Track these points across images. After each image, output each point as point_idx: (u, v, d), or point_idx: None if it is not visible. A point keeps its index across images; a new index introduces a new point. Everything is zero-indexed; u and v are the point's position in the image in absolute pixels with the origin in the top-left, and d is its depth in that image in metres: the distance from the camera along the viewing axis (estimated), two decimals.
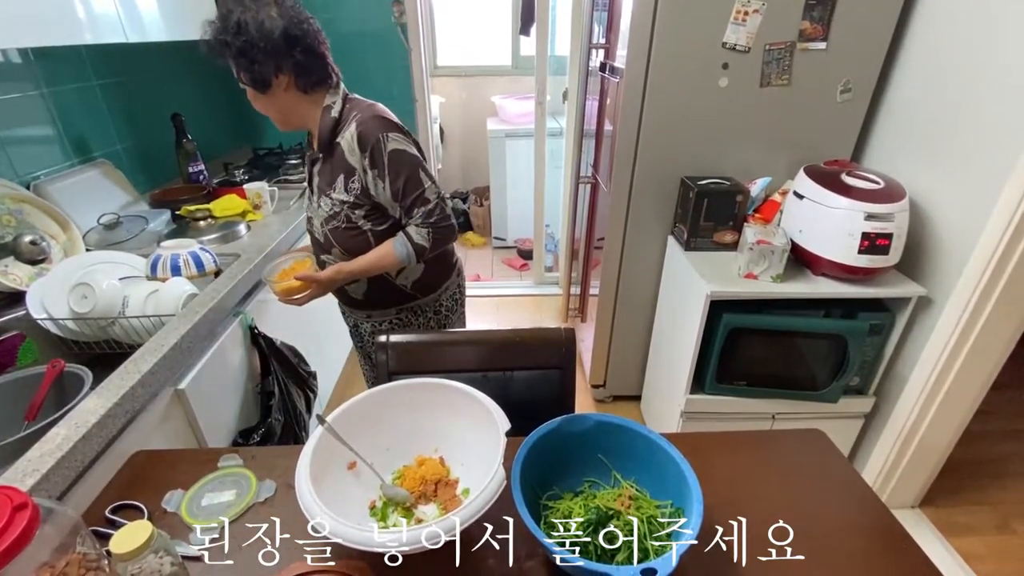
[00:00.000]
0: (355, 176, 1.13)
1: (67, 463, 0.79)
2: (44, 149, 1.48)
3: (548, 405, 1.08)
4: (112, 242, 1.43)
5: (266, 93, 1.09)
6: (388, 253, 1.16)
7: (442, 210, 1.15)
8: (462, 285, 1.44)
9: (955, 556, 1.58)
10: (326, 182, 1.18)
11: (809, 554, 0.71)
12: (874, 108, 1.64)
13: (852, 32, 1.50)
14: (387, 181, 1.11)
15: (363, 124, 1.10)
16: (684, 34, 1.50)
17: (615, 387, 2.20)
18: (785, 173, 1.69)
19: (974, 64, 1.34)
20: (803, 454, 0.93)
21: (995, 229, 1.27)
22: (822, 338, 1.51)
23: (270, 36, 1.03)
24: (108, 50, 1.67)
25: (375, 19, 2.32)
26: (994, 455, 1.94)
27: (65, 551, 0.58)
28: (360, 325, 1.39)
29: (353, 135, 1.10)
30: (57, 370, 1.01)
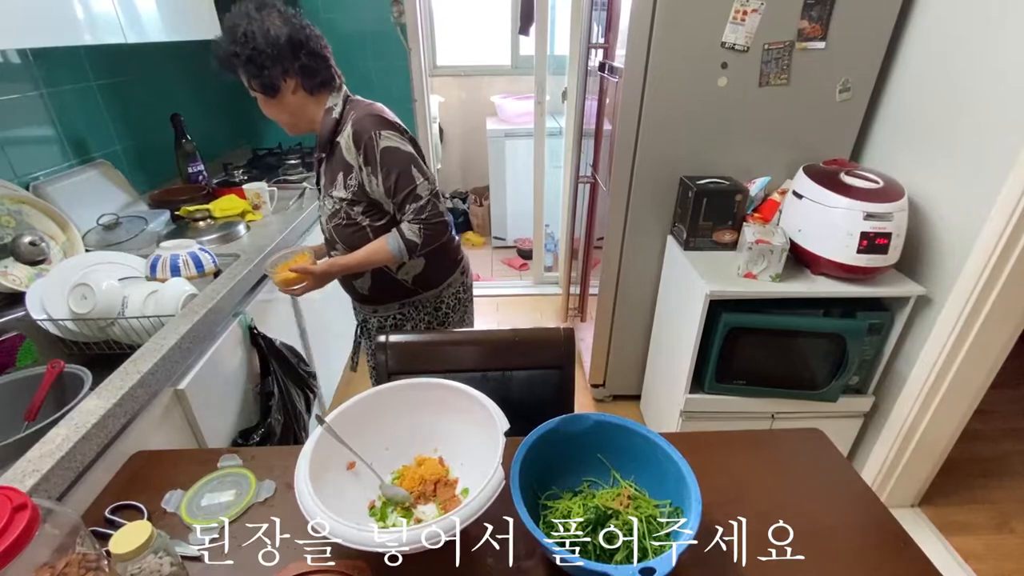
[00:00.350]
0: (352, 173, 1.17)
1: (67, 463, 0.79)
2: (43, 150, 1.48)
3: (547, 405, 1.08)
4: (111, 243, 1.43)
5: (276, 98, 1.14)
6: (380, 248, 1.19)
7: (434, 206, 1.17)
8: (467, 284, 1.44)
9: (954, 555, 1.58)
10: (329, 181, 1.23)
11: (809, 554, 0.71)
12: (873, 107, 1.64)
13: (851, 31, 1.50)
14: (379, 177, 1.15)
15: (358, 123, 1.14)
16: (683, 33, 1.51)
17: (614, 387, 2.20)
18: (784, 172, 1.69)
19: (973, 63, 1.34)
20: (802, 454, 0.93)
21: (994, 228, 1.27)
22: (821, 337, 1.51)
23: (276, 42, 1.08)
24: (107, 51, 1.67)
25: (374, 19, 2.32)
26: (993, 454, 1.95)
27: (65, 551, 0.58)
28: (368, 320, 1.41)
29: (349, 134, 1.15)
30: (57, 371, 1.01)
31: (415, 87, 2.48)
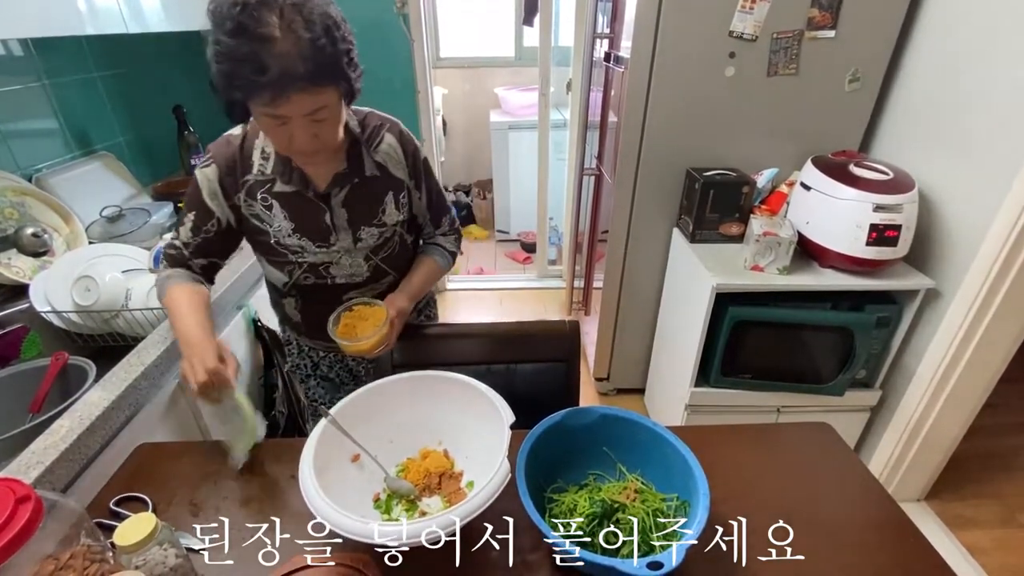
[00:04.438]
0: (403, 191, 1.00)
1: (71, 455, 0.79)
2: (46, 141, 1.47)
3: (552, 398, 1.07)
4: (115, 235, 1.43)
5: (349, 104, 0.88)
6: (434, 269, 1.09)
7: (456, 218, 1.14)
8: None
9: (961, 549, 1.57)
10: (365, 210, 0.97)
11: (816, 547, 0.71)
12: (883, 98, 1.61)
13: (862, 20, 1.47)
14: (423, 191, 1.04)
15: (400, 134, 0.98)
16: (690, 23, 1.48)
17: (619, 380, 2.19)
18: (792, 164, 1.67)
19: (985, 53, 1.31)
20: (810, 447, 0.92)
21: (1005, 221, 1.25)
22: (828, 331, 1.50)
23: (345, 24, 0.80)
24: (109, 41, 1.65)
25: (377, 9, 2.29)
26: (1001, 448, 1.93)
27: (69, 543, 0.58)
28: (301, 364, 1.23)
29: (395, 146, 0.97)
30: (61, 363, 1.01)
31: (418, 79, 2.46)
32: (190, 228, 0.95)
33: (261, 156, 0.92)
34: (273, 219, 0.94)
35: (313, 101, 0.76)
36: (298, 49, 0.71)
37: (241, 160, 0.92)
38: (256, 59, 0.69)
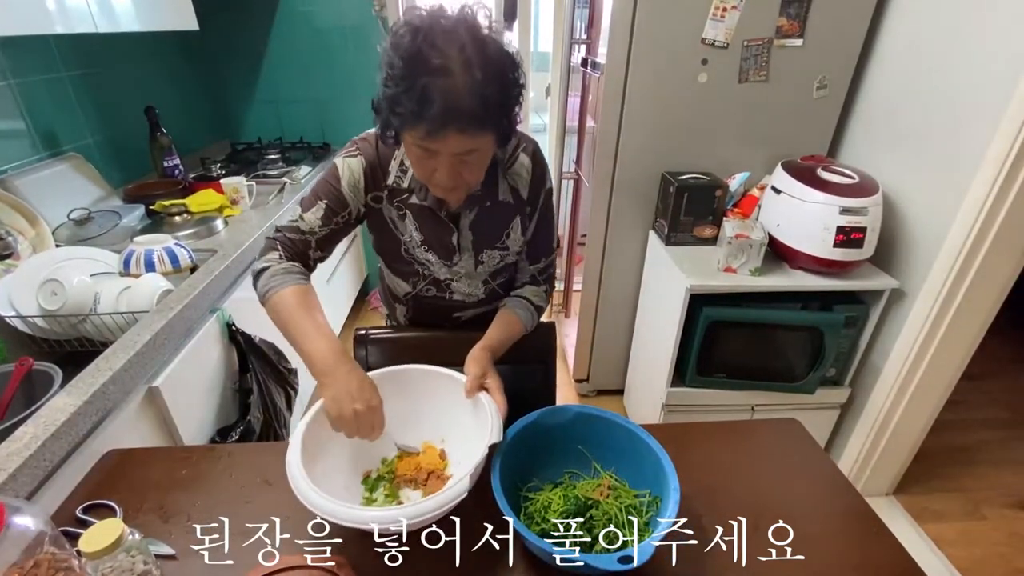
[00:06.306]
0: (526, 214, 0.96)
1: (35, 462, 0.77)
2: (11, 142, 1.43)
3: (530, 399, 1.07)
4: (83, 238, 1.39)
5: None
6: (517, 327, 0.97)
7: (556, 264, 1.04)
8: None
9: (927, 541, 1.62)
10: (491, 233, 0.95)
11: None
12: (849, 104, 1.67)
13: (828, 29, 1.52)
14: (534, 222, 0.97)
15: (534, 153, 0.94)
16: (664, 30, 1.51)
17: (599, 381, 2.21)
18: (763, 168, 1.72)
19: (945, 60, 1.37)
20: (779, 443, 0.94)
21: (964, 222, 1.30)
22: (799, 330, 1.54)
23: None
24: (78, 41, 1.62)
25: (354, 12, 2.28)
26: (965, 443, 2.00)
27: (33, 551, 0.56)
28: None
29: (527, 166, 0.93)
30: (25, 368, 0.98)
31: None
32: (320, 216, 0.89)
33: (400, 167, 0.90)
34: (406, 228, 0.94)
35: (469, 143, 0.72)
36: (469, 88, 0.66)
37: (380, 163, 0.89)
38: (424, 90, 0.65)
